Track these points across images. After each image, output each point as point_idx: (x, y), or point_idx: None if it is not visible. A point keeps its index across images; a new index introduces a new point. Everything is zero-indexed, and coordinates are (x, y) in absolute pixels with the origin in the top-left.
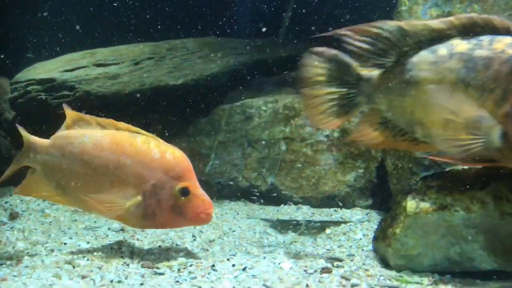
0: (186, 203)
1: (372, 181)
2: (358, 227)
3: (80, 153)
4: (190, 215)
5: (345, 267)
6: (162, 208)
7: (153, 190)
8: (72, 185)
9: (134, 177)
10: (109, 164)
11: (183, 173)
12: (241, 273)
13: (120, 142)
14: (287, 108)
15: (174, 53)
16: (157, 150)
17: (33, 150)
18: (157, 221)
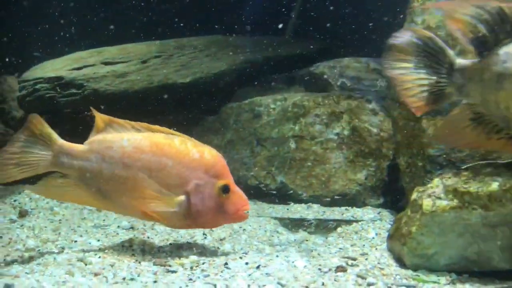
0: (226, 200)
1: (384, 179)
2: (370, 226)
3: (121, 157)
4: (231, 212)
5: (360, 266)
6: (206, 207)
7: (197, 189)
8: (113, 190)
9: (176, 178)
10: (150, 166)
11: (221, 171)
12: (255, 271)
13: (160, 144)
14: (296, 106)
15: (181, 51)
16: (195, 150)
17: (68, 155)
18: (200, 220)
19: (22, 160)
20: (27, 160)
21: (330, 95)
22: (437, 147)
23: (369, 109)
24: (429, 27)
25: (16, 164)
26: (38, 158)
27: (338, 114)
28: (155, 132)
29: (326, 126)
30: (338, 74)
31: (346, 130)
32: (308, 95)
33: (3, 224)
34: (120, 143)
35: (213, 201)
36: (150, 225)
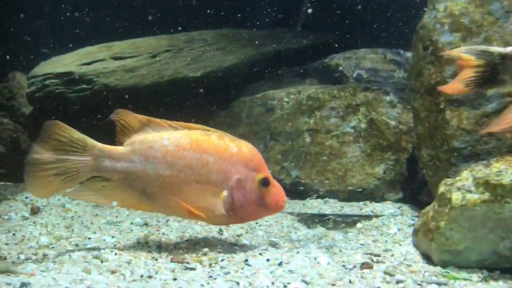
0: (266, 193)
1: (403, 173)
2: (391, 221)
3: (164, 156)
4: (271, 204)
5: (386, 263)
6: (248, 200)
7: (238, 184)
8: (158, 190)
9: (218, 173)
10: (192, 163)
11: (259, 164)
12: (277, 268)
13: (199, 140)
14: (311, 99)
15: (191, 45)
16: (233, 145)
17: (110, 159)
18: (243, 215)
19: (60, 169)
20: (66, 168)
21: (346, 87)
22: (461, 139)
23: (387, 101)
24: (452, 14)
25: (56, 175)
26: (77, 165)
27: (355, 107)
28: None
29: (342, 119)
30: (353, 66)
31: (363, 123)
32: (323, 87)
33: (15, 221)
34: (162, 143)
35: (254, 194)
36: (164, 221)
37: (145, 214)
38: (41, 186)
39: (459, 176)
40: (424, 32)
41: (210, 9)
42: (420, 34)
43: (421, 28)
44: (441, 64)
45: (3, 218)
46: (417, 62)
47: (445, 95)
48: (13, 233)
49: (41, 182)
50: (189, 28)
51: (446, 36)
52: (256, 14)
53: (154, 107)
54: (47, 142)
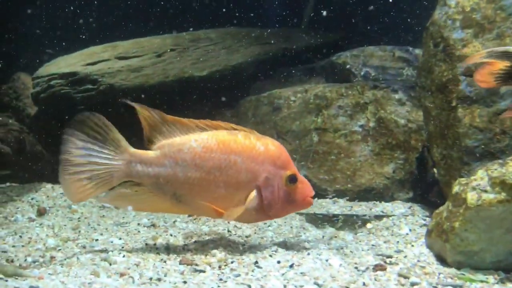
0: (294, 189)
1: (413, 172)
2: (402, 221)
3: (192, 158)
4: (299, 201)
5: (399, 264)
6: (276, 198)
7: (267, 182)
8: (188, 192)
9: (246, 173)
10: (221, 164)
11: (287, 161)
12: (288, 270)
13: (226, 141)
14: (318, 98)
15: (197, 44)
16: (260, 143)
17: (142, 163)
18: (272, 212)
19: (93, 173)
20: (99, 172)
21: (354, 86)
22: (474, 138)
23: (396, 100)
24: (464, 10)
25: (88, 179)
26: (110, 169)
27: (363, 105)
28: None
29: (350, 118)
30: (361, 64)
31: (371, 122)
32: (331, 86)
33: (22, 223)
34: (190, 145)
35: (282, 192)
36: (172, 222)
37: (151, 215)
38: (76, 191)
39: (474, 176)
40: (435, 29)
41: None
42: (430, 31)
43: (432, 25)
44: (453, 61)
45: (9, 220)
46: (428, 59)
47: (457, 92)
48: (19, 235)
49: (75, 187)
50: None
51: (457, 32)
52: (262, 12)
53: (159, 107)
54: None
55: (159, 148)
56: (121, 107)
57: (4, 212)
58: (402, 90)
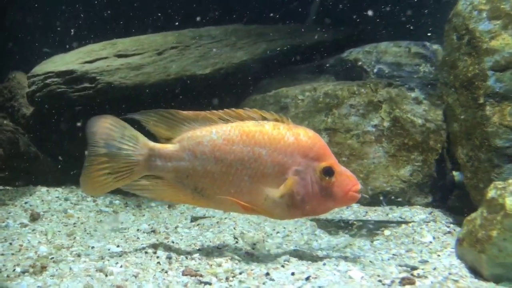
0: (332, 183)
1: (432, 175)
2: (423, 228)
3: (212, 151)
4: (339, 195)
5: (429, 278)
6: (310, 193)
7: (298, 176)
8: (209, 186)
9: (273, 166)
10: (243, 157)
11: (321, 152)
12: (304, 283)
13: (250, 132)
14: (328, 96)
15: (199, 42)
16: (289, 134)
17: (161, 157)
18: (306, 209)
19: (114, 168)
20: (119, 167)
21: (367, 83)
22: (505, 137)
23: (412, 98)
24: (491, 1)
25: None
26: (130, 164)
27: (376, 104)
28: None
29: (362, 118)
30: (374, 60)
31: (386, 122)
32: (341, 84)
33: (13, 228)
34: (210, 137)
35: (317, 186)
36: (173, 227)
37: (152, 220)
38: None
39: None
40: (459, 21)
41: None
42: (453, 23)
43: (455, 16)
44: (479, 55)
45: (0, 226)
46: (450, 53)
47: (484, 88)
48: (10, 242)
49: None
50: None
51: (484, 24)
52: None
53: (160, 107)
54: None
55: (178, 141)
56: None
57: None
58: (419, 88)
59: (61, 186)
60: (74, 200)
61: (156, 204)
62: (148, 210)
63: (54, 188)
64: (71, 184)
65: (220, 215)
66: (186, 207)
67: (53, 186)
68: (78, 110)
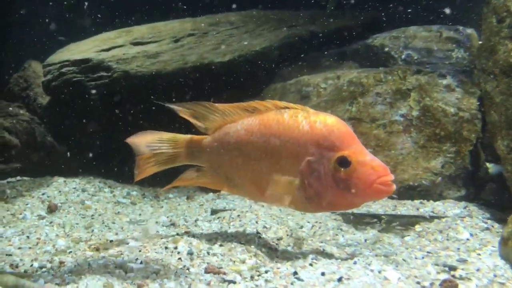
0: (351, 174)
1: (465, 167)
2: (458, 223)
3: (236, 141)
4: (361, 188)
5: (473, 280)
6: (324, 186)
7: (309, 167)
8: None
9: (287, 157)
10: (260, 148)
11: (339, 141)
12: (336, 285)
13: (267, 122)
14: (352, 84)
15: (217, 29)
16: (305, 122)
17: (198, 148)
18: (323, 202)
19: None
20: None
21: (394, 70)
22: None
23: (443, 86)
24: None
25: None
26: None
27: (405, 92)
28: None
29: (390, 107)
30: (402, 46)
31: (415, 111)
32: (367, 71)
33: (31, 221)
34: (235, 128)
35: (331, 178)
36: (193, 221)
37: (170, 212)
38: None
39: None
40: (498, 2)
41: None
42: (492, 4)
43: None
44: None
45: (17, 218)
46: (489, 37)
47: None
48: (27, 235)
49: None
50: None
51: None
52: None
53: (177, 95)
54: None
55: (212, 133)
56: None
57: (12, 209)
58: (451, 75)
59: (78, 176)
60: (91, 191)
61: (174, 195)
62: (166, 202)
63: (71, 179)
64: (88, 175)
65: (241, 208)
66: (205, 199)
67: (70, 177)
68: (94, 99)
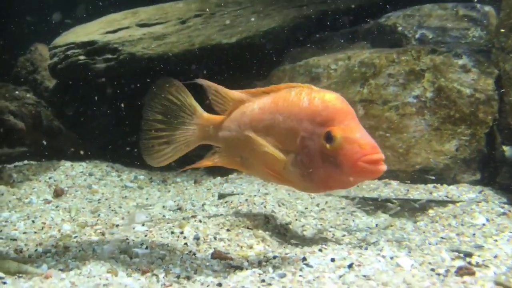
0: (336, 151)
1: (481, 150)
2: (474, 208)
3: (251, 120)
4: (346, 165)
5: (491, 268)
6: (314, 162)
7: (303, 143)
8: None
9: (286, 133)
10: (268, 125)
11: (331, 117)
12: (347, 271)
13: (277, 100)
14: (364, 65)
15: (224, 9)
16: (306, 99)
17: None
18: (314, 180)
19: (171, 137)
20: (176, 137)
21: (408, 50)
22: None
23: (459, 66)
24: None
25: (167, 143)
26: (186, 134)
27: (418, 73)
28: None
29: (402, 88)
30: (416, 25)
31: (429, 92)
32: (379, 51)
33: (37, 205)
34: (252, 107)
35: (319, 154)
36: (200, 205)
37: (177, 197)
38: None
39: None
40: None
41: None
42: None
43: None
44: None
45: (23, 202)
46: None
47: None
48: (32, 220)
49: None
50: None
51: None
52: None
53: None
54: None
55: (229, 112)
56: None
57: (18, 193)
58: (467, 54)
59: (85, 160)
60: (98, 175)
61: (182, 179)
62: (173, 186)
63: (78, 163)
64: (95, 159)
65: (249, 193)
66: (212, 183)
67: (77, 161)
68: (100, 82)
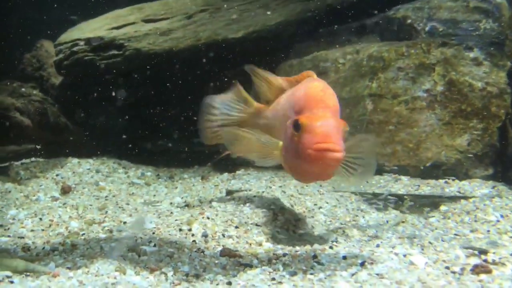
0: (299, 139)
1: (493, 145)
2: (487, 204)
3: (279, 110)
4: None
5: (507, 265)
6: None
7: (285, 131)
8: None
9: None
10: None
11: (304, 104)
12: (359, 269)
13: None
14: (372, 59)
15: (230, 4)
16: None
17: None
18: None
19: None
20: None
21: (418, 43)
22: None
23: (470, 59)
24: None
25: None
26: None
27: (428, 66)
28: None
29: (412, 82)
30: (426, 18)
31: (439, 86)
32: (388, 44)
33: (44, 202)
34: (284, 97)
35: (290, 141)
36: (208, 201)
37: (185, 193)
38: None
39: None
40: None
41: None
42: None
43: None
44: None
45: (31, 199)
46: None
47: None
48: (40, 217)
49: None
50: None
51: None
52: None
53: (190, 73)
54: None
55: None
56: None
57: (26, 191)
58: (478, 47)
59: (92, 157)
60: (105, 172)
61: (189, 175)
62: (180, 182)
63: (85, 160)
64: (102, 155)
65: (257, 189)
66: (220, 180)
67: (84, 158)
68: (107, 78)
